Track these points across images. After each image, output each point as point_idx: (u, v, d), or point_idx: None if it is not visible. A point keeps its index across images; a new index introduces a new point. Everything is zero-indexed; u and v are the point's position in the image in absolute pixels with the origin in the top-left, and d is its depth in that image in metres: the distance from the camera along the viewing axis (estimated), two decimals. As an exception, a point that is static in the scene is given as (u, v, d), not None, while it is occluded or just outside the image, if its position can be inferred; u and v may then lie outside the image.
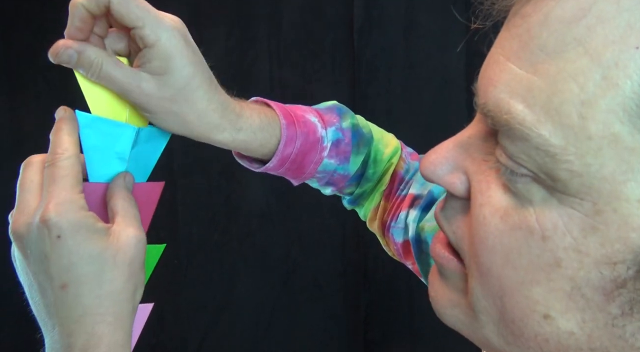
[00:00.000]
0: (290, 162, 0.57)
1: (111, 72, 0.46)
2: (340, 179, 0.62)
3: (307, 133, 0.57)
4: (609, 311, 0.28)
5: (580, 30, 0.27)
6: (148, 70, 0.46)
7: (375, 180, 0.65)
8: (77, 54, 0.45)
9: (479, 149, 0.33)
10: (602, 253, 0.27)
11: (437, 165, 0.34)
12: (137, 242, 0.44)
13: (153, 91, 0.46)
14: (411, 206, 0.63)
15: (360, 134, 0.63)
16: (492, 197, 0.31)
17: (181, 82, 0.47)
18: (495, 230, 0.30)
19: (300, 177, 0.60)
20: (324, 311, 1.48)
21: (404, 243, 0.63)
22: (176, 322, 1.51)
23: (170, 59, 0.46)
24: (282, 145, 0.55)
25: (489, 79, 0.30)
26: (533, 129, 0.27)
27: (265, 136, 0.55)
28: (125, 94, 0.47)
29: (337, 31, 1.40)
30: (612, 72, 0.26)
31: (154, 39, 0.45)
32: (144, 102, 0.47)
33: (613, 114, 0.26)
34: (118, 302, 0.43)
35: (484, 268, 0.31)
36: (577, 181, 0.27)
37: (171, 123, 0.49)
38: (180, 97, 0.48)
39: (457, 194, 0.33)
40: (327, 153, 0.59)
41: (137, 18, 0.45)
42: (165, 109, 0.48)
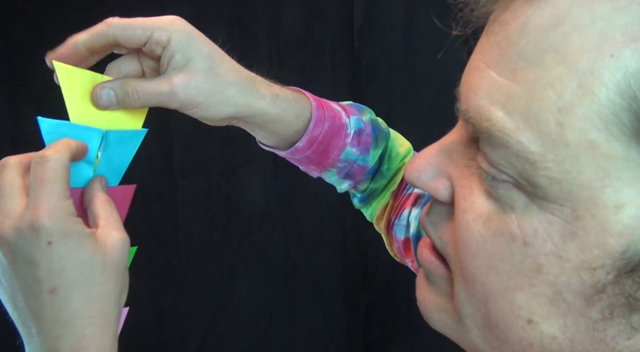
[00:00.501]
0: (318, 144, 0.58)
1: (146, 90, 0.48)
2: (359, 171, 0.63)
3: (334, 117, 0.60)
4: (589, 316, 0.28)
5: (557, 38, 0.27)
6: (175, 66, 0.49)
7: (389, 177, 0.66)
8: (114, 91, 0.48)
9: (461, 155, 0.33)
10: (582, 259, 0.28)
11: (421, 171, 0.34)
12: (122, 245, 0.45)
13: (187, 83, 0.49)
14: (414, 204, 0.64)
15: (379, 129, 0.64)
16: (474, 203, 0.31)
17: (207, 62, 0.50)
18: (478, 236, 0.31)
19: (324, 162, 0.61)
20: (324, 311, 1.48)
21: (405, 240, 0.64)
22: (176, 322, 1.51)
23: (188, 46, 0.49)
24: (313, 125, 0.57)
25: (469, 85, 0.31)
26: (512, 136, 0.28)
27: (300, 107, 0.57)
28: (168, 100, 0.49)
29: (337, 31, 1.40)
30: (588, 79, 0.26)
31: (167, 36, 0.48)
32: (187, 98, 0.49)
33: (589, 122, 0.26)
34: (106, 305, 0.43)
35: (468, 274, 0.32)
36: (556, 187, 0.27)
37: (218, 106, 0.51)
38: (212, 76, 0.50)
39: (441, 200, 0.34)
40: (350, 140, 0.61)
41: (143, 31, 0.48)
42: (205, 94, 0.50)
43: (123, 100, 0.48)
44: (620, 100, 0.25)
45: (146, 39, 0.48)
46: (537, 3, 0.28)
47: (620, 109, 0.25)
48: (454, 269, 0.33)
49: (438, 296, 0.35)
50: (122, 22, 0.48)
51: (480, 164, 0.30)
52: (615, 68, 0.25)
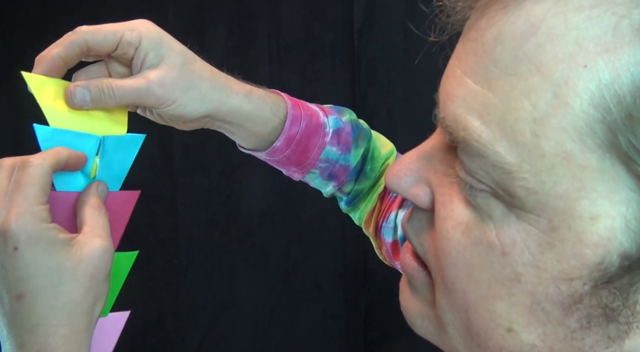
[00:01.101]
0: (296, 143, 0.58)
1: (123, 86, 0.48)
2: (342, 171, 0.63)
3: (311, 116, 0.60)
4: (568, 325, 0.28)
5: (531, 48, 0.27)
6: (149, 65, 0.49)
7: (373, 178, 0.66)
8: (88, 90, 0.47)
9: (441, 161, 0.33)
10: (559, 269, 0.27)
11: (401, 177, 0.34)
12: (102, 253, 0.43)
13: (163, 79, 0.49)
14: (401, 206, 0.63)
15: (360, 128, 0.64)
16: (454, 210, 0.31)
17: (180, 59, 0.50)
18: (457, 245, 0.30)
19: (305, 163, 0.61)
20: (324, 311, 1.48)
21: (393, 243, 0.64)
22: (176, 322, 1.51)
23: (160, 44, 0.49)
24: (289, 123, 0.57)
25: (447, 92, 0.30)
26: (489, 146, 0.28)
27: (274, 104, 0.57)
28: (145, 96, 0.49)
29: (337, 31, 1.40)
30: (562, 90, 0.26)
31: (138, 36, 0.48)
32: (164, 93, 0.49)
33: (564, 133, 0.26)
34: (74, 314, 0.42)
35: (448, 282, 0.31)
36: (533, 197, 0.27)
37: (194, 102, 0.51)
38: (188, 72, 0.51)
39: (421, 207, 0.33)
40: (329, 139, 0.61)
41: (113, 34, 0.48)
42: (181, 89, 0.50)
43: (98, 98, 0.47)
44: (594, 112, 0.25)
45: (117, 41, 0.48)
46: (511, 11, 0.28)
47: (594, 120, 0.25)
48: (435, 276, 0.33)
49: (420, 302, 0.35)
50: (91, 28, 0.48)
51: (458, 172, 0.30)
52: (589, 79, 0.25)
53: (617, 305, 0.27)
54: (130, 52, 0.49)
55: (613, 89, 0.25)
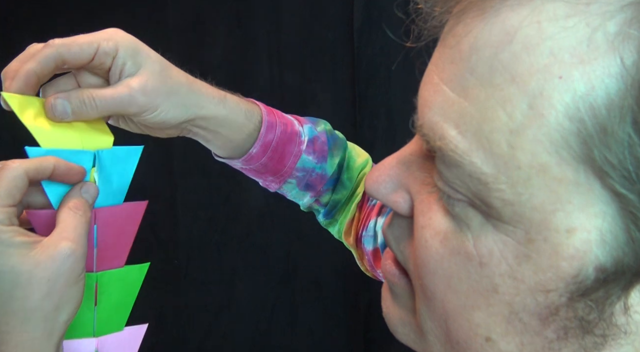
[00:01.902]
0: (272, 150, 0.58)
1: (104, 95, 0.47)
2: (319, 181, 0.63)
3: (286, 124, 0.60)
4: (545, 335, 0.28)
5: (507, 57, 0.26)
6: (128, 73, 0.48)
7: (350, 188, 0.66)
8: (68, 101, 0.46)
9: (420, 168, 0.32)
10: (536, 280, 0.27)
11: (380, 183, 0.33)
12: (65, 256, 0.41)
13: (144, 85, 0.48)
14: (379, 213, 0.63)
15: (335, 138, 0.65)
16: (432, 219, 0.30)
17: (157, 65, 0.50)
18: (436, 254, 0.30)
19: (281, 171, 0.60)
20: (324, 310, 1.48)
21: (374, 251, 0.64)
22: (176, 322, 1.51)
23: (137, 52, 0.49)
24: (264, 130, 0.57)
25: (424, 99, 0.30)
26: (465, 156, 0.27)
27: (249, 109, 0.57)
28: (128, 105, 0.48)
29: (337, 31, 1.40)
30: (537, 101, 0.25)
31: (114, 45, 0.48)
32: (147, 100, 0.49)
33: (540, 145, 0.25)
34: (29, 320, 0.41)
35: (427, 291, 0.31)
36: (509, 209, 0.27)
37: (176, 108, 0.51)
38: (167, 78, 0.50)
39: (401, 213, 0.33)
40: (304, 147, 0.61)
41: (89, 45, 0.47)
42: (164, 95, 0.50)
43: (79, 109, 0.46)
44: (569, 124, 0.25)
45: (94, 52, 0.47)
46: (488, 18, 0.27)
47: (569, 133, 0.25)
48: (415, 284, 0.33)
49: (401, 309, 0.35)
50: (65, 41, 0.46)
51: (436, 181, 0.30)
52: (564, 90, 0.25)
53: (593, 317, 0.27)
54: (108, 61, 0.48)
55: (588, 101, 0.24)
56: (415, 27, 0.33)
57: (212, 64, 1.41)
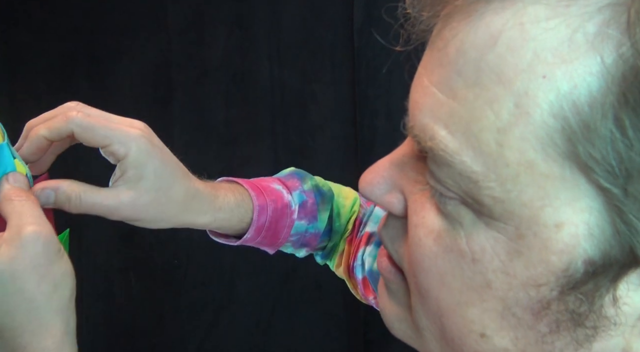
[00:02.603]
0: (266, 230, 0.60)
1: (91, 200, 0.48)
2: (313, 238, 0.65)
3: (276, 200, 0.61)
4: (538, 329, 0.29)
5: (492, 58, 0.27)
6: (126, 180, 0.48)
7: (342, 231, 0.67)
8: (54, 192, 0.47)
9: (412, 168, 0.33)
10: (527, 275, 0.28)
11: (374, 185, 0.34)
12: (34, 240, 0.42)
13: (135, 201, 0.49)
14: (367, 242, 0.65)
15: (322, 193, 0.65)
16: (425, 218, 0.31)
17: (158, 183, 0.50)
18: (429, 252, 0.31)
19: (276, 243, 0.62)
20: (324, 311, 1.48)
21: (363, 279, 0.65)
22: (176, 322, 1.51)
23: (144, 164, 0.48)
24: (256, 215, 0.58)
25: (415, 102, 0.31)
26: (455, 155, 0.28)
27: (242, 211, 0.58)
28: (111, 213, 0.48)
29: (337, 31, 1.40)
30: (523, 100, 0.26)
31: (125, 152, 0.47)
32: (130, 214, 0.49)
33: (527, 142, 0.26)
34: (33, 309, 0.41)
35: (422, 289, 0.32)
36: (500, 206, 0.28)
37: (158, 222, 0.52)
38: (160, 196, 0.50)
39: (395, 214, 0.34)
40: (296, 215, 0.62)
41: (103, 138, 0.47)
42: (150, 212, 0.50)
43: (62, 203, 0.47)
44: (553, 122, 0.26)
45: (103, 146, 0.47)
46: (473, 21, 0.28)
47: (554, 130, 0.26)
48: (410, 283, 0.34)
49: (397, 305, 0.36)
50: (83, 121, 0.47)
51: (428, 180, 0.31)
52: (548, 89, 0.26)
53: (584, 310, 0.28)
54: (112, 161, 0.48)
55: (571, 99, 0.25)
56: (404, 32, 0.34)
57: (212, 64, 1.41)
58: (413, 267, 0.32)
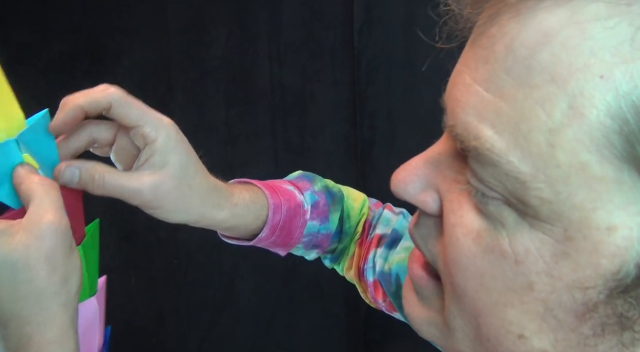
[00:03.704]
0: (280, 229, 0.60)
1: (114, 181, 0.48)
2: (324, 239, 0.64)
3: (289, 199, 0.61)
4: (581, 332, 0.28)
5: (545, 57, 0.26)
6: (150, 165, 0.49)
7: (352, 233, 0.67)
8: (79, 171, 0.47)
9: (449, 167, 0.33)
10: (574, 278, 0.27)
11: (408, 183, 0.33)
12: (52, 232, 0.42)
13: (158, 186, 0.49)
14: (378, 245, 0.65)
15: (333, 194, 0.66)
16: (464, 217, 0.31)
17: (181, 172, 0.50)
18: (468, 252, 0.30)
19: (289, 243, 0.62)
20: (324, 310, 1.48)
21: (374, 282, 0.65)
22: (176, 322, 1.51)
23: (170, 152, 0.49)
24: (271, 214, 0.58)
25: (456, 99, 0.30)
26: (502, 155, 0.27)
27: (257, 208, 0.58)
28: (133, 197, 0.49)
29: (337, 31, 1.40)
30: (578, 101, 0.26)
31: (155, 136, 0.48)
32: (151, 199, 0.49)
33: (580, 143, 0.26)
34: (42, 300, 0.42)
35: (458, 289, 0.31)
36: (548, 207, 0.27)
37: (177, 212, 0.52)
38: (183, 186, 0.50)
39: (430, 213, 0.33)
40: (309, 215, 0.62)
41: (137, 119, 0.48)
42: (171, 200, 0.50)
43: (85, 183, 0.47)
44: (611, 123, 0.25)
45: (135, 126, 0.48)
46: (524, 20, 0.27)
47: (611, 131, 0.25)
48: (445, 282, 0.33)
49: (428, 309, 0.35)
50: (122, 97, 0.48)
51: (469, 179, 0.30)
52: (606, 89, 0.25)
53: (633, 314, 0.27)
54: (141, 144, 0.49)
55: (630, 99, 0.25)
56: (446, 28, 0.33)
57: (212, 64, 1.41)
58: (449, 267, 0.32)
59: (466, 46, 0.31)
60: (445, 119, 0.31)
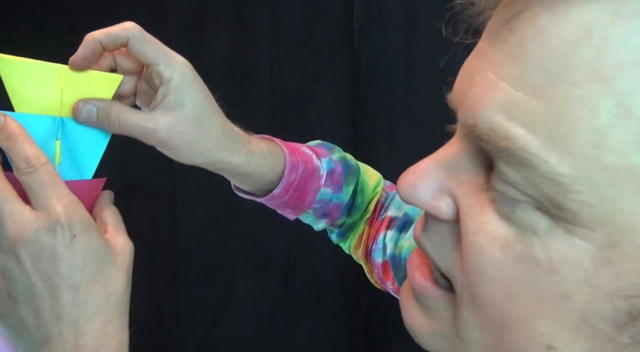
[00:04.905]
0: (294, 189, 0.59)
1: (130, 120, 0.48)
2: (335, 209, 0.64)
3: (306, 161, 0.60)
4: (619, 341, 0.27)
5: (587, 54, 0.25)
6: (165, 105, 0.49)
7: (363, 209, 0.67)
8: (96, 109, 0.48)
9: (466, 170, 0.31)
10: (616, 286, 0.26)
11: (418, 187, 0.31)
12: (130, 251, 0.46)
13: (172, 126, 0.49)
14: (389, 227, 0.64)
15: (349, 166, 0.65)
16: (486, 223, 0.29)
17: (196, 113, 0.50)
18: (495, 261, 0.28)
19: (301, 206, 0.62)
20: (325, 310, 1.48)
21: (384, 263, 0.64)
22: (176, 322, 1.51)
23: (185, 92, 0.49)
24: (287, 171, 0.58)
25: (476, 97, 0.28)
26: (539, 155, 0.26)
27: (274, 161, 0.58)
28: (148, 136, 0.49)
29: (337, 31, 1.40)
30: (627, 99, 0.24)
31: (170, 75, 0.48)
32: (167, 140, 0.49)
33: (630, 144, 0.24)
34: (121, 301, 0.44)
35: (481, 300, 0.29)
36: (588, 211, 0.25)
37: (193, 154, 0.52)
38: (197, 126, 0.50)
39: (444, 219, 0.31)
40: (323, 181, 0.62)
41: (153, 56, 0.48)
42: (186, 141, 0.50)
43: (102, 122, 0.48)
44: None
45: (150, 64, 0.48)
46: (559, 15, 0.26)
47: None
48: (462, 292, 0.31)
49: (433, 320, 0.34)
50: (140, 34, 0.48)
51: (494, 183, 0.28)
52: None
53: None
54: (156, 83, 0.49)
55: None
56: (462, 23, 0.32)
57: (212, 64, 1.41)
58: (471, 277, 0.29)
59: (482, 41, 0.30)
60: (460, 118, 0.30)
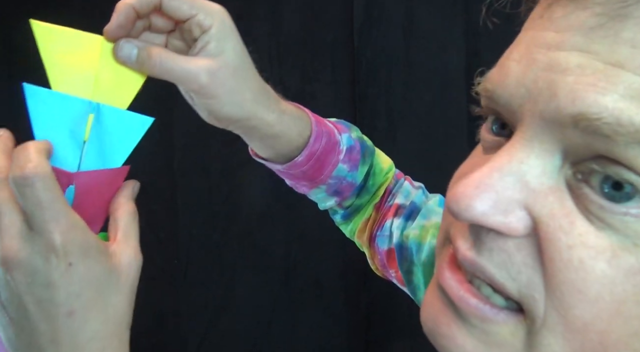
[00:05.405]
0: (315, 159, 0.59)
1: (171, 61, 0.47)
2: (348, 187, 0.63)
3: (329, 133, 0.60)
4: None
5: None
6: (207, 52, 0.48)
7: (372, 192, 0.66)
8: (137, 48, 0.46)
9: (537, 176, 0.27)
10: None
11: (481, 202, 0.27)
12: (136, 265, 0.43)
13: (215, 71, 0.48)
14: (395, 214, 0.64)
15: (366, 146, 0.65)
16: (584, 236, 0.25)
17: (237, 60, 0.50)
18: (601, 277, 0.25)
19: (318, 178, 0.61)
20: (325, 310, 1.48)
21: (388, 251, 0.64)
22: (176, 322, 1.51)
23: (225, 39, 0.48)
24: (313, 140, 0.58)
25: (586, 85, 0.25)
26: None
27: (302, 125, 0.57)
28: (189, 80, 0.48)
29: (337, 31, 1.40)
30: None
31: (210, 23, 0.47)
32: (209, 85, 0.48)
33: None
34: (120, 325, 0.43)
35: (579, 322, 0.26)
36: None
37: (232, 105, 0.50)
38: (238, 76, 0.50)
39: (515, 235, 0.27)
40: (342, 157, 0.61)
41: (190, 8, 0.47)
42: (226, 89, 0.49)
43: (142, 62, 0.46)
44: None
45: (189, 17, 0.47)
46: None
47: None
48: (545, 315, 0.27)
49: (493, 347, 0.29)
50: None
51: (593, 185, 0.25)
52: None
53: None
54: (197, 33, 0.48)
55: None
56: None
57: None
58: (569, 298, 0.26)
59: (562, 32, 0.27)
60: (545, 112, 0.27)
